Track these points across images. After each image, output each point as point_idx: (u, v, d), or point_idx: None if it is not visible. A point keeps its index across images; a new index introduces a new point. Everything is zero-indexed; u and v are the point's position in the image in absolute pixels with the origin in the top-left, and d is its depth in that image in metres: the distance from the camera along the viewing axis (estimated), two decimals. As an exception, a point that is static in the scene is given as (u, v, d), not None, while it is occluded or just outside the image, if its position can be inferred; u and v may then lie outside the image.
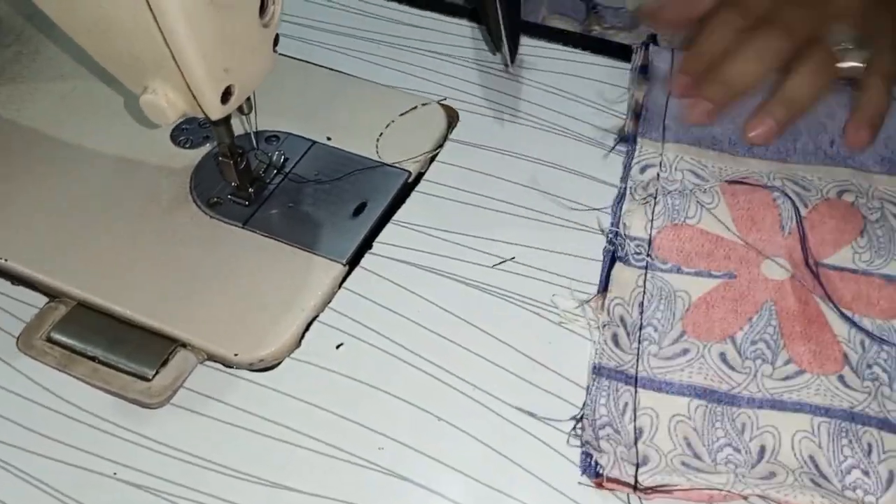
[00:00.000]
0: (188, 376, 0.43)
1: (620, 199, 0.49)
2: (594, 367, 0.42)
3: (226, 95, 0.42)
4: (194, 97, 0.41)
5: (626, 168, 0.50)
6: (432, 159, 0.52)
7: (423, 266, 0.47)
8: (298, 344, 0.44)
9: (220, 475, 0.40)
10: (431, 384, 0.42)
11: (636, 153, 0.50)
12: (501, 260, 0.45)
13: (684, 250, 0.46)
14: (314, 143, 0.53)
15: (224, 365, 0.44)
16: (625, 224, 0.47)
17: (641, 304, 0.44)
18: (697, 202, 0.47)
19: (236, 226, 0.49)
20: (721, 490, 0.38)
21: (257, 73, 0.43)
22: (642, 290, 0.44)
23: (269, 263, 0.47)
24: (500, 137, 0.53)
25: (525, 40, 0.58)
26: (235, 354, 0.43)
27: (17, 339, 0.44)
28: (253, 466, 0.40)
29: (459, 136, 0.53)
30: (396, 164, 0.51)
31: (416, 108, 0.54)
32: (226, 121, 0.45)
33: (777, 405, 0.40)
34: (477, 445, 0.40)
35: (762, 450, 0.39)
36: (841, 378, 0.41)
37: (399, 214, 0.49)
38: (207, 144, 0.53)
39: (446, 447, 0.40)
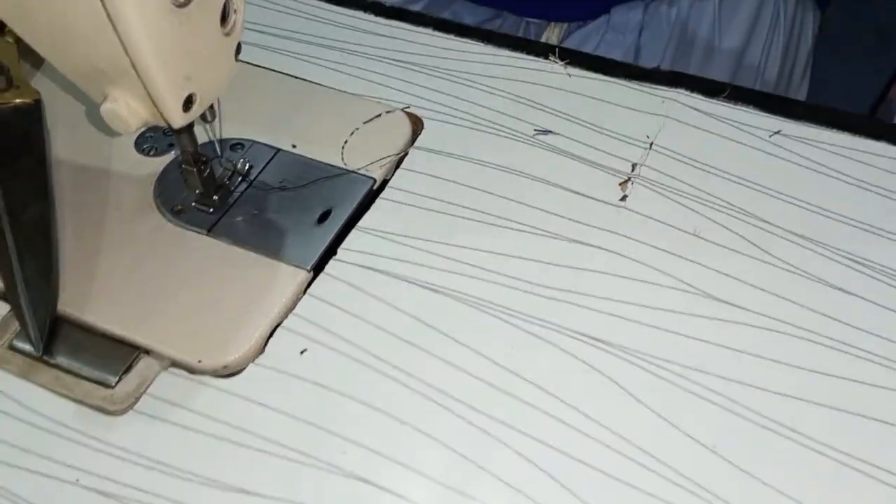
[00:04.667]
0: (151, 383, 0.43)
1: None
2: None
3: (187, 103, 0.42)
4: (155, 105, 0.41)
5: None
6: (397, 166, 0.52)
7: (387, 272, 0.47)
8: (262, 350, 0.44)
9: (184, 481, 0.40)
10: (395, 389, 0.43)
11: None
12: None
13: None
14: (279, 150, 0.53)
15: (188, 371, 0.44)
16: None
17: None
18: None
19: (201, 233, 0.49)
20: None
21: (219, 82, 0.43)
22: None
23: (234, 270, 0.47)
24: (464, 145, 0.53)
25: (489, 49, 0.59)
26: (199, 361, 0.44)
27: (-21, 347, 0.44)
28: (217, 472, 0.40)
29: (424, 143, 0.54)
30: (361, 171, 0.51)
31: (380, 115, 0.54)
32: (188, 129, 0.45)
33: None
34: (442, 449, 0.41)
35: None
36: None
37: (364, 221, 0.50)
38: (172, 152, 0.53)
39: (410, 451, 0.40)
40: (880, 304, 0.44)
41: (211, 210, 0.50)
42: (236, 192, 0.51)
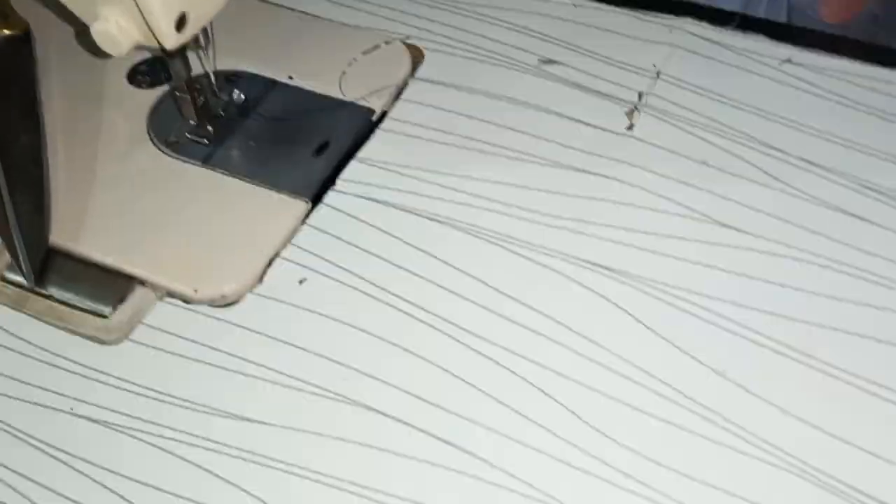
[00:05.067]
0: (147, 313, 0.42)
1: None
2: None
3: (180, 23, 0.40)
4: (147, 24, 0.40)
5: None
6: (397, 97, 0.51)
7: (387, 202, 0.46)
8: (260, 280, 0.43)
9: (181, 408, 0.39)
10: (396, 317, 0.42)
11: None
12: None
13: None
14: (276, 82, 0.52)
15: (184, 302, 0.43)
16: None
17: None
18: None
19: (196, 164, 0.48)
20: None
21: (213, 1, 0.42)
22: None
23: (230, 201, 0.46)
24: (466, 75, 0.52)
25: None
26: (195, 291, 0.42)
27: (-30, 279, 0.43)
28: (214, 399, 0.39)
29: (424, 74, 0.52)
30: (360, 102, 0.50)
31: (378, 46, 0.53)
32: (182, 53, 0.44)
33: None
34: (447, 377, 0.40)
35: None
36: None
37: (363, 152, 0.48)
38: (165, 84, 0.51)
39: (413, 378, 0.40)
40: (893, 230, 0.43)
41: (206, 141, 0.48)
42: (232, 123, 0.49)
